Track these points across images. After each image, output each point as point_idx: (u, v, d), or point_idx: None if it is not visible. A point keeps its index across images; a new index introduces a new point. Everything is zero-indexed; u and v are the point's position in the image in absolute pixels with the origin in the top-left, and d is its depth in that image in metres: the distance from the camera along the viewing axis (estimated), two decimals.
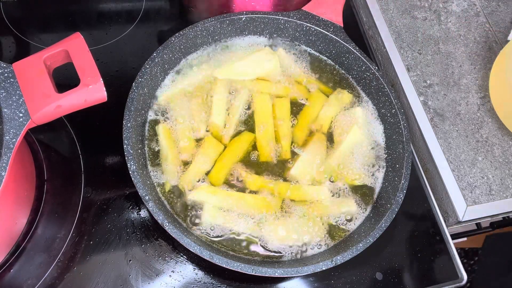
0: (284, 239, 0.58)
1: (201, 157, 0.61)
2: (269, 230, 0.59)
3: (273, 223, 0.59)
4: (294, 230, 0.59)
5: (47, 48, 0.52)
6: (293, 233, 0.59)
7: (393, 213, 0.58)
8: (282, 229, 0.59)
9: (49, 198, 0.62)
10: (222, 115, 0.64)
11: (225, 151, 0.63)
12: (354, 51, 0.68)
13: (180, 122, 0.63)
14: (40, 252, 0.59)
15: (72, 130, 0.66)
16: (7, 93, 0.50)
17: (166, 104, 0.64)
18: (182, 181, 0.60)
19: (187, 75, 0.67)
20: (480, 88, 0.74)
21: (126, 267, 0.59)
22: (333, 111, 0.67)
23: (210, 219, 0.58)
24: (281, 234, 0.58)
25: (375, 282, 0.61)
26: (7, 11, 0.75)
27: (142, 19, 0.77)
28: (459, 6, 0.81)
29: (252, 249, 0.58)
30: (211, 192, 0.60)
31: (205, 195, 0.59)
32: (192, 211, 0.59)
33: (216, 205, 0.59)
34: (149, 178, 0.60)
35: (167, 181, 0.60)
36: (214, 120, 0.64)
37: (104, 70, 0.59)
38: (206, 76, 0.67)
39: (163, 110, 0.64)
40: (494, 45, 0.77)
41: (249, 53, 0.69)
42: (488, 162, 0.68)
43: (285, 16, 0.69)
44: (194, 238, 0.55)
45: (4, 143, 0.48)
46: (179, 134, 0.63)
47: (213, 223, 0.58)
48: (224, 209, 0.59)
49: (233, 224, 0.58)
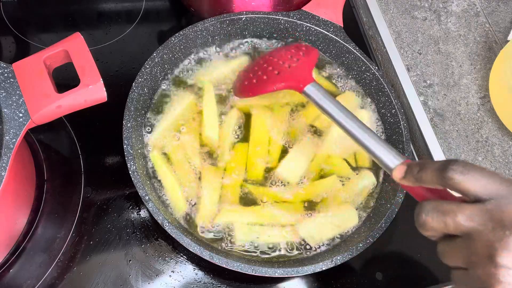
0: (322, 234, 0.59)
1: (206, 190, 0.60)
2: (305, 231, 0.58)
3: (307, 223, 0.59)
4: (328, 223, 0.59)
5: (47, 48, 0.52)
6: (328, 226, 0.59)
7: (393, 213, 0.58)
8: (316, 226, 0.59)
9: (49, 198, 0.62)
10: (215, 128, 0.63)
11: (229, 175, 0.61)
12: (354, 51, 0.68)
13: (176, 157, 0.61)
14: (40, 252, 0.59)
15: (72, 130, 0.66)
16: (7, 93, 0.50)
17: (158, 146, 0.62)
18: (199, 220, 0.58)
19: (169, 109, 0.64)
20: (480, 88, 0.74)
21: (126, 267, 0.59)
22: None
23: (244, 237, 0.58)
24: (317, 231, 0.58)
25: (375, 282, 0.61)
26: (7, 11, 0.75)
27: (142, 19, 0.77)
28: (459, 6, 0.81)
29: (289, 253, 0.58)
30: (235, 211, 0.59)
31: (231, 215, 0.59)
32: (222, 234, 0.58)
33: (245, 222, 0.58)
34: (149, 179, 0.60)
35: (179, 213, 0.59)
36: (208, 134, 0.62)
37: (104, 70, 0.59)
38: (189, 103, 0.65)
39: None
40: (494, 45, 0.77)
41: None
42: (488, 162, 0.68)
43: (285, 16, 0.69)
44: (194, 238, 0.55)
45: (4, 143, 0.48)
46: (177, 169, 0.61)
47: (248, 240, 0.58)
48: (254, 224, 0.59)
49: (268, 236, 0.58)
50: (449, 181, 0.40)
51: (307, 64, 0.60)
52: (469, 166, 0.40)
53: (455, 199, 0.42)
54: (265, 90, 0.59)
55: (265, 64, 0.61)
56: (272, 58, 0.62)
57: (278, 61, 0.60)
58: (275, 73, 0.59)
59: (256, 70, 0.61)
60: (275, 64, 0.60)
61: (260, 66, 0.61)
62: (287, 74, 0.58)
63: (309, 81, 0.56)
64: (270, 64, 0.61)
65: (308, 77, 0.57)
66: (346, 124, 0.52)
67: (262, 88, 0.59)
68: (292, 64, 0.59)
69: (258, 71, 0.61)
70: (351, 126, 0.52)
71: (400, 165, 0.47)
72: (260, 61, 0.63)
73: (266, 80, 0.59)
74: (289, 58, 0.60)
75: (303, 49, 0.62)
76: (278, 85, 0.58)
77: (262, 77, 0.59)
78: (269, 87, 0.58)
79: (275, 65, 0.60)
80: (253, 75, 0.61)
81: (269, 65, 0.61)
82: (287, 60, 0.60)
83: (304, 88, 0.56)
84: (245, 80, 0.61)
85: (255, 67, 0.62)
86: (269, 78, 0.59)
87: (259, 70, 0.61)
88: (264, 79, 0.59)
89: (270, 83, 0.58)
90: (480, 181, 0.39)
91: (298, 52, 0.61)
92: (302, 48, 0.63)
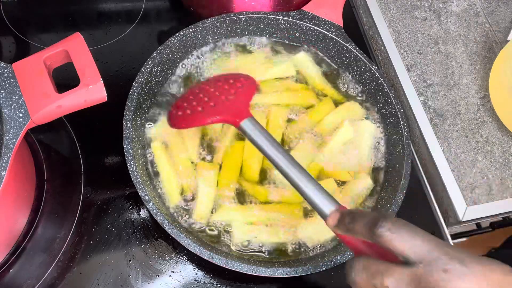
0: (320, 235, 0.58)
1: (202, 187, 0.60)
2: (304, 232, 0.58)
3: (305, 225, 0.59)
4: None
5: (47, 48, 0.52)
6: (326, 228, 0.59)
7: (393, 213, 0.58)
8: (314, 227, 0.58)
9: (49, 198, 0.62)
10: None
11: (223, 171, 0.61)
12: (354, 51, 0.68)
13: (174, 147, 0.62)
14: (40, 252, 0.59)
15: (72, 130, 0.66)
16: (7, 93, 0.50)
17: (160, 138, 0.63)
18: (196, 216, 0.59)
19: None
20: (480, 88, 0.74)
21: (126, 267, 0.59)
22: (338, 119, 0.66)
23: (243, 236, 0.57)
24: (315, 232, 0.58)
25: None
26: (7, 11, 0.75)
27: (142, 19, 0.77)
28: (459, 6, 0.81)
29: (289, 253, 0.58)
30: (234, 210, 0.59)
31: (229, 213, 0.59)
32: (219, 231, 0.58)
33: (243, 220, 0.58)
34: (150, 178, 0.60)
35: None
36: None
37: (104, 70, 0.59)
38: None
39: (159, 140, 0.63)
40: (494, 45, 0.77)
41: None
42: (488, 162, 0.68)
43: (285, 16, 0.69)
44: (194, 238, 0.55)
45: (4, 143, 0.48)
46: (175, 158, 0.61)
47: (246, 239, 0.58)
48: (253, 223, 0.59)
49: (266, 235, 0.58)
50: (378, 238, 0.38)
51: (245, 97, 0.57)
52: (399, 225, 0.38)
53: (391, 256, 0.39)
54: (199, 123, 0.56)
55: (200, 94, 0.58)
56: (208, 88, 0.58)
57: (215, 92, 0.57)
58: (211, 104, 0.56)
59: (191, 99, 0.58)
60: (211, 95, 0.57)
61: (196, 96, 0.58)
62: (223, 107, 0.55)
63: (246, 116, 0.53)
64: (206, 94, 0.57)
65: (245, 111, 0.54)
66: (282, 164, 0.49)
67: (196, 120, 0.56)
68: (229, 96, 0.56)
69: (193, 100, 0.57)
70: (286, 167, 0.48)
71: (334, 212, 0.44)
72: (195, 90, 0.59)
73: (201, 112, 0.56)
74: (226, 90, 0.57)
75: (242, 80, 0.59)
76: (213, 118, 0.55)
77: (196, 108, 0.56)
78: (203, 119, 0.55)
79: (211, 96, 0.57)
80: (188, 105, 0.57)
81: (204, 95, 0.57)
82: (223, 92, 0.57)
83: (240, 123, 0.53)
84: (179, 110, 0.57)
85: (190, 96, 0.58)
86: (204, 110, 0.56)
87: (194, 100, 0.57)
88: (199, 110, 0.56)
89: (204, 116, 0.55)
90: (409, 242, 0.37)
91: (236, 83, 0.58)
92: (240, 79, 0.59)
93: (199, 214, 0.58)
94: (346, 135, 0.64)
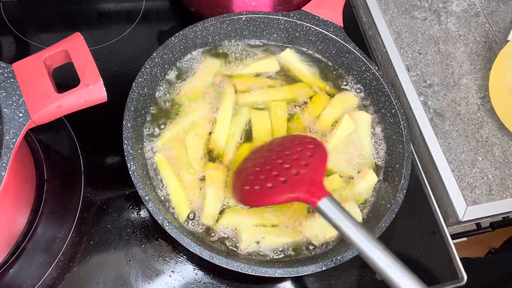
0: (326, 233, 0.59)
1: (210, 190, 0.59)
2: (309, 231, 0.58)
3: (310, 223, 0.59)
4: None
5: (47, 48, 0.52)
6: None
7: (393, 213, 0.58)
8: (320, 225, 0.59)
9: (49, 198, 0.62)
10: (225, 133, 0.62)
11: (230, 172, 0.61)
12: (354, 51, 0.68)
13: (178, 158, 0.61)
14: (40, 252, 0.59)
15: (72, 130, 0.66)
16: (7, 93, 0.50)
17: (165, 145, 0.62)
18: (204, 219, 0.58)
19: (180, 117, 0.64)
20: (480, 88, 0.74)
21: (126, 267, 0.59)
22: (335, 113, 0.66)
23: (250, 237, 0.57)
24: (321, 229, 0.58)
25: (375, 282, 0.61)
26: (7, 11, 0.75)
27: (142, 19, 0.77)
28: (459, 6, 0.81)
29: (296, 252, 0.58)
30: (240, 213, 0.59)
31: (235, 217, 0.58)
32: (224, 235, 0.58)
33: (249, 223, 0.58)
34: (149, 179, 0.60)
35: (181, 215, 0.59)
36: (218, 139, 0.62)
37: (104, 70, 0.59)
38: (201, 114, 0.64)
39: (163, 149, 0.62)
40: (494, 45, 0.77)
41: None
42: (488, 162, 0.68)
43: (285, 16, 0.69)
44: (194, 238, 0.55)
45: (4, 143, 0.48)
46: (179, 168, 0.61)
47: (254, 240, 0.58)
48: (258, 225, 0.58)
49: (273, 236, 0.58)
50: None
51: (317, 169, 0.51)
52: None
53: None
54: (270, 201, 0.51)
55: (267, 166, 0.53)
56: (275, 158, 0.53)
57: (283, 163, 0.52)
58: (281, 180, 0.51)
59: (257, 172, 0.53)
60: (280, 167, 0.52)
61: (262, 167, 0.53)
62: (295, 182, 0.50)
63: (323, 194, 0.48)
64: (274, 167, 0.52)
65: (320, 187, 0.49)
66: (368, 250, 0.45)
67: (267, 198, 0.50)
68: (300, 170, 0.51)
69: (259, 173, 0.52)
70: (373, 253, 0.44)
71: None
72: (260, 160, 0.54)
73: (271, 189, 0.50)
74: (295, 161, 0.52)
75: (311, 148, 0.53)
76: (286, 197, 0.50)
77: (265, 184, 0.51)
78: (275, 198, 0.50)
79: (280, 169, 0.52)
80: (255, 178, 0.52)
81: (272, 168, 0.52)
82: (293, 164, 0.51)
83: (318, 202, 0.48)
84: (245, 184, 0.53)
85: (256, 167, 0.54)
86: (275, 186, 0.50)
87: (262, 174, 0.52)
88: (268, 187, 0.50)
89: (276, 194, 0.50)
90: None
91: (306, 151, 0.53)
92: (309, 147, 0.53)
93: (207, 216, 0.58)
94: (348, 129, 0.65)
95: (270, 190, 0.50)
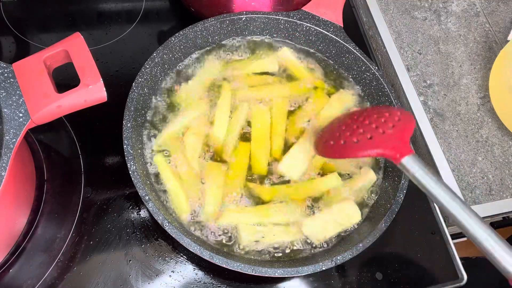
0: (326, 232, 0.59)
1: (210, 187, 0.60)
2: (309, 230, 0.59)
3: (310, 222, 0.59)
4: (331, 220, 0.59)
5: (47, 48, 0.52)
6: (331, 223, 0.59)
7: (393, 213, 0.58)
8: (320, 224, 0.59)
9: (49, 198, 0.62)
10: (223, 130, 0.63)
11: (232, 173, 0.61)
12: (354, 51, 0.68)
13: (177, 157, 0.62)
14: (40, 252, 0.59)
15: (72, 130, 0.66)
16: (7, 93, 0.50)
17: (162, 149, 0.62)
18: (203, 217, 0.58)
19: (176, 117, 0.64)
20: (480, 88, 0.74)
21: (126, 267, 0.59)
22: (334, 112, 0.67)
23: (250, 237, 0.57)
24: (320, 229, 0.59)
25: (375, 282, 0.61)
26: (7, 11, 0.76)
27: (142, 19, 0.77)
28: (459, 6, 0.81)
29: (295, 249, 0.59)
30: (239, 212, 0.59)
31: (234, 216, 0.59)
32: (224, 235, 0.58)
33: (249, 222, 0.58)
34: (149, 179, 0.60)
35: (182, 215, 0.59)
36: (216, 135, 0.63)
37: (104, 70, 0.59)
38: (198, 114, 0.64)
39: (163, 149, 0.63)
40: (494, 45, 0.77)
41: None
42: (488, 162, 0.68)
43: (285, 16, 0.69)
44: (194, 238, 0.55)
45: (4, 143, 0.48)
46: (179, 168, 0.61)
47: (253, 239, 0.58)
48: (258, 224, 0.59)
49: (273, 235, 0.58)
50: None
51: (404, 132, 0.54)
52: None
53: None
54: (354, 154, 0.54)
55: (354, 125, 0.56)
56: (362, 120, 0.57)
57: (370, 124, 0.55)
58: (367, 136, 0.54)
59: (343, 130, 0.57)
60: (367, 127, 0.55)
61: (348, 126, 0.57)
62: (382, 140, 0.53)
63: (407, 152, 0.51)
64: (361, 126, 0.56)
65: (405, 147, 0.52)
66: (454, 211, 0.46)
67: (352, 151, 0.54)
68: (386, 130, 0.54)
69: (346, 131, 0.56)
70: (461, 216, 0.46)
71: None
72: (347, 121, 0.58)
73: (357, 143, 0.54)
74: (383, 123, 0.55)
75: (398, 115, 0.56)
76: (371, 151, 0.53)
77: (351, 139, 0.55)
78: (359, 151, 0.53)
79: (367, 128, 0.55)
80: (340, 134, 0.56)
81: (359, 126, 0.56)
82: (381, 125, 0.55)
83: (401, 159, 0.51)
84: (330, 139, 0.57)
85: (343, 126, 0.57)
86: (360, 141, 0.54)
87: (347, 131, 0.56)
88: (354, 141, 0.54)
89: (361, 147, 0.53)
90: None
91: (393, 117, 0.56)
92: (397, 113, 0.56)
93: (207, 215, 0.58)
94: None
95: (355, 145, 0.54)
